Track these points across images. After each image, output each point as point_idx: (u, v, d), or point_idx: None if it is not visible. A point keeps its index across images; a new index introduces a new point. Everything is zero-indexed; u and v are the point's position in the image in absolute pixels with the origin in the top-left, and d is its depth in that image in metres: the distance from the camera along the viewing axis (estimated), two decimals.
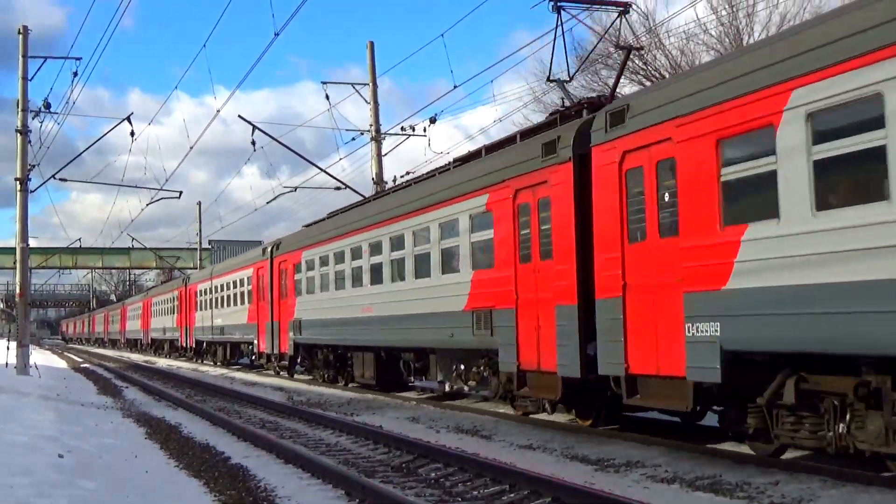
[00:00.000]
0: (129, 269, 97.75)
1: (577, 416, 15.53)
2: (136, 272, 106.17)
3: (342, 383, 26.08)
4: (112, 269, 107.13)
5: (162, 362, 49.58)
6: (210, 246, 71.25)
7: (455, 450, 12.49)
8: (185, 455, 13.44)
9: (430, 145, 30.08)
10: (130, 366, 46.65)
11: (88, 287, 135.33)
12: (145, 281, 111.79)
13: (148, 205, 44.57)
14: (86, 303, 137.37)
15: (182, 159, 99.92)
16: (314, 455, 12.59)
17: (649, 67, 35.40)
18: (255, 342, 33.73)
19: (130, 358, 59.08)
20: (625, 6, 17.39)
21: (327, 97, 31.80)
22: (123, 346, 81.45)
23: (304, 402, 21.72)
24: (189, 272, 59.71)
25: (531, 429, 15.38)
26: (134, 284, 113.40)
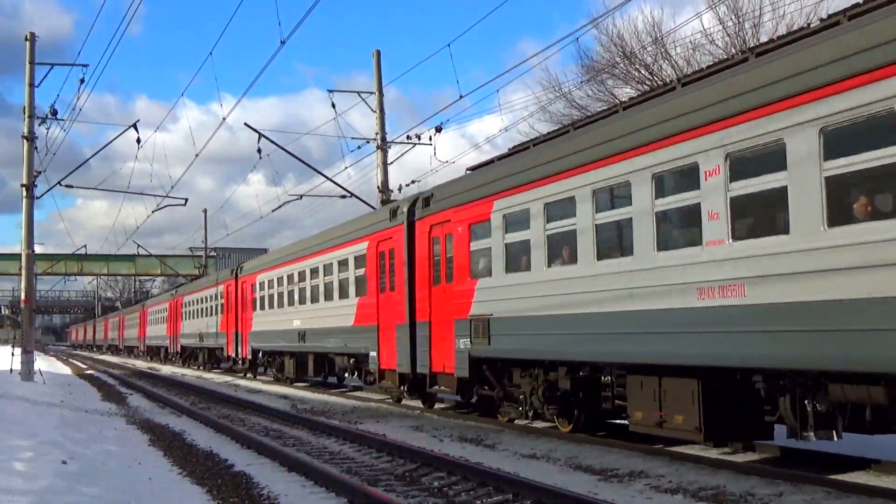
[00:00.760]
0: (134, 276, 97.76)
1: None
2: (142, 279, 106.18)
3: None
4: (117, 276, 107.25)
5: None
6: (215, 253, 71.26)
7: (458, 459, 12.47)
8: (188, 462, 13.45)
9: (435, 154, 29.97)
10: (135, 373, 46.71)
11: (93, 294, 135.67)
12: (150, 288, 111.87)
13: (154, 212, 44.33)
14: (91, 309, 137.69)
15: (188, 167, 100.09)
16: (317, 463, 12.58)
17: (655, 78, 35.41)
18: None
19: (135, 365, 59.10)
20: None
21: (333, 105, 31.84)
22: (143, 354, 71.63)
23: (307, 410, 21.71)
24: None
25: (534, 438, 15.36)
26: (139, 291, 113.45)
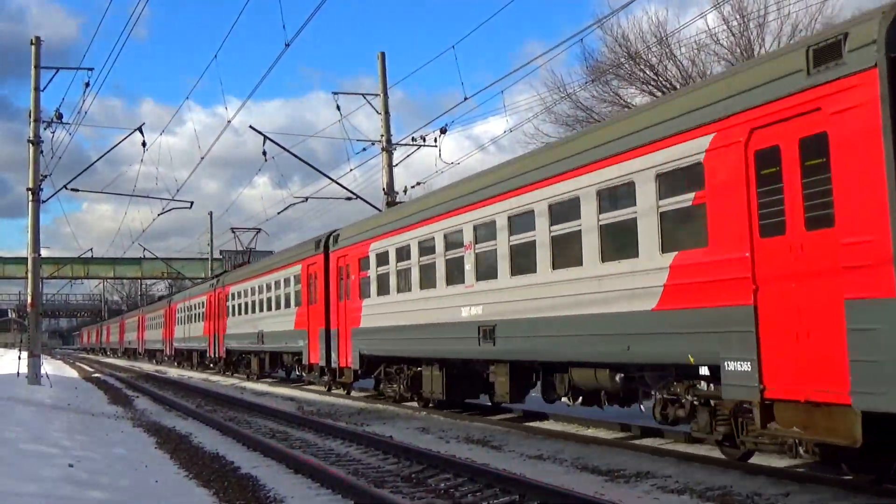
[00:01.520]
0: (140, 280, 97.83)
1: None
2: (148, 282, 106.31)
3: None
4: (123, 280, 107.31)
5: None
6: (221, 256, 71.30)
7: (465, 460, 12.45)
8: (194, 465, 13.44)
9: (440, 156, 30.06)
10: (141, 375, 46.78)
11: (100, 297, 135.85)
12: (156, 291, 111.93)
13: (159, 215, 44.42)
14: (97, 312, 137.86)
15: (193, 169, 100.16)
16: (324, 465, 12.57)
17: (660, 78, 35.37)
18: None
19: (142, 368, 59.18)
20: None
21: (338, 108, 31.89)
22: (170, 358, 60.45)
23: (314, 413, 21.71)
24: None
25: (541, 439, 15.33)
26: (145, 295, 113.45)
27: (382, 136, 31.65)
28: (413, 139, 31.64)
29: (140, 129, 31.65)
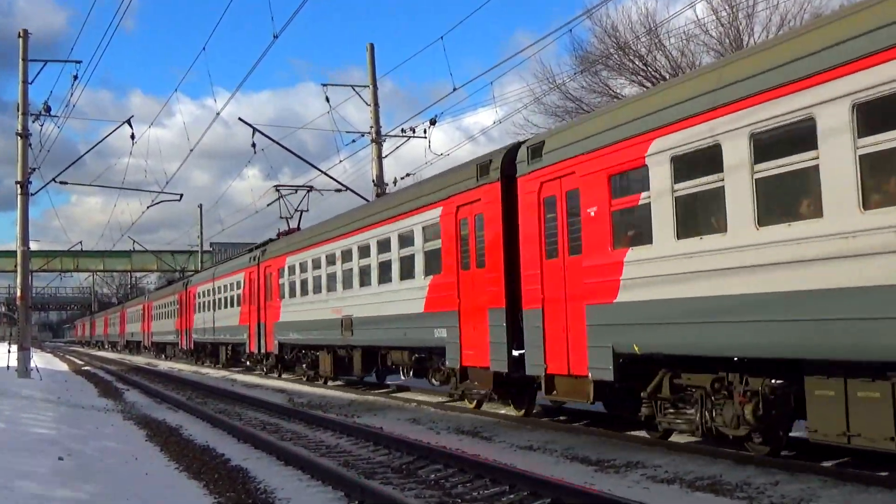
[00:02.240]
0: (130, 273, 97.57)
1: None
2: (137, 275, 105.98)
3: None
4: (113, 272, 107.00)
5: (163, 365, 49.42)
6: (211, 248, 71.22)
7: (455, 451, 12.48)
8: (185, 457, 13.44)
9: (430, 147, 30.03)
10: (132, 368, 46.70)
11: (90, 290, 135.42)
12: (146, 284, 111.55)
13: (149, 207, 44.23)
14: (87, 306, 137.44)
15: (183, 162, 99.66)
16: (314, 457, 12.59)
17: (649, 68, 35.38)
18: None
19: (132, 360, 59.07)
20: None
21: (327, 99, 31.88)
22: (189, 355, 49.94)
23: (304, 404, 21.71)
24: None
25: (531, 430, 15.38)
26: (135, 287, 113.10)
27: (372, 127, 31.61)
28: (402, 131, 31.62)
29: (129, 122, 31.59)
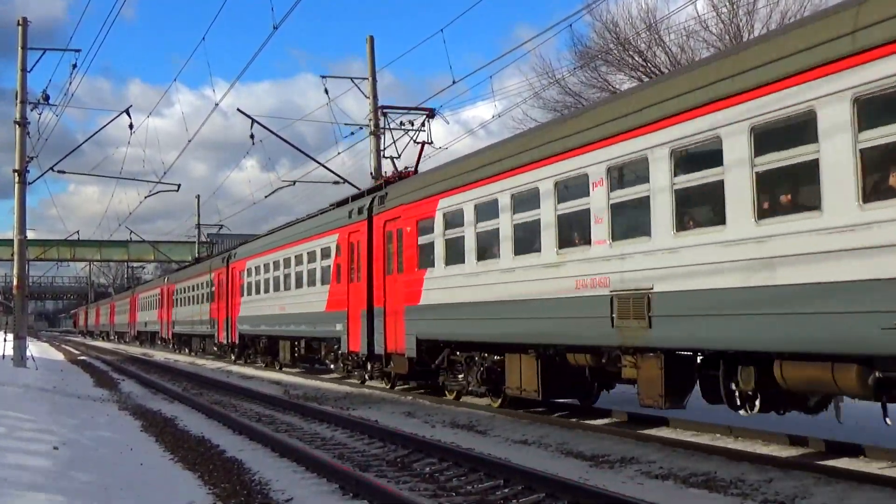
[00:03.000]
0: (127, 262, 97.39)
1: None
2: (134, 265, 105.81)
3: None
4: (110, 262, 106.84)
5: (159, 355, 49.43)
6: (208, 239, 71.14)
7: (450, 444, 12.50)
8: (180, 448, 13.45)
9: (430, 139, 29.87)
10: (127, 358, 46.70)
11: (86, 280, 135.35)
12: (143, 273, 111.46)
13: (146, 197, 44.15)
14: (84, 295, 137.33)
15: (181, 152, 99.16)
16: (309, 449, 12.60)
17: (649, 64, 35.34)
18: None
19: (128, 351, 59.07)
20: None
21: (326, 91, 31.80)
22: (230, 351, 39.47)
23: (300, 397, 21.73)
24: None
25: (526, 424, 15.39)
26: (132, 277, 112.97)
27: (370, 119, 31.57)
28: (401, 123, 31.53)
29: (127, 112, 31.43)
